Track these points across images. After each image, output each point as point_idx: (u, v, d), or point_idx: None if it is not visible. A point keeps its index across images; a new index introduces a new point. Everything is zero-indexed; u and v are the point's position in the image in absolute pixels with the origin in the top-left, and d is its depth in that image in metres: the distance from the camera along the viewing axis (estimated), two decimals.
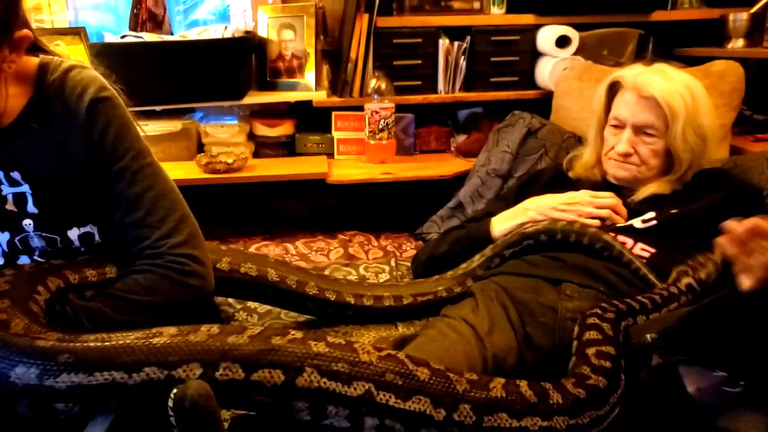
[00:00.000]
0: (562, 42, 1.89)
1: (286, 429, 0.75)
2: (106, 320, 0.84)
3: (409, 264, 1.47)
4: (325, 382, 0.69)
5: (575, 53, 1.90)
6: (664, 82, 1.23)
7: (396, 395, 0.69)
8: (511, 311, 1.05)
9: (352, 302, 1.18)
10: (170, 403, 0.63)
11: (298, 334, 0.74)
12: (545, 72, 1.90)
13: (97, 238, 0.92)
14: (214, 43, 1.81)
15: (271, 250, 1.61)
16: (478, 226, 1.32)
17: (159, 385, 0.67)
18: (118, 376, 0.67)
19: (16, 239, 0.90)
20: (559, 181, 1.37)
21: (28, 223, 0.89)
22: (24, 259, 0.92)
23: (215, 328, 0.74)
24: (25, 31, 0.81)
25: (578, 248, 1.18)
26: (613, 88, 1.30)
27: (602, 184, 1.31)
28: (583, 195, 1.24)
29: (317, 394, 0.69)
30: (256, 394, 0.69)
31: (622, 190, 1.28)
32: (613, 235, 1.18)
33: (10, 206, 0.88)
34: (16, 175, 0.87)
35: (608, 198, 1.23)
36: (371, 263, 1.53)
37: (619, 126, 1.26)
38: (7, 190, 0.88)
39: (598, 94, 1.33)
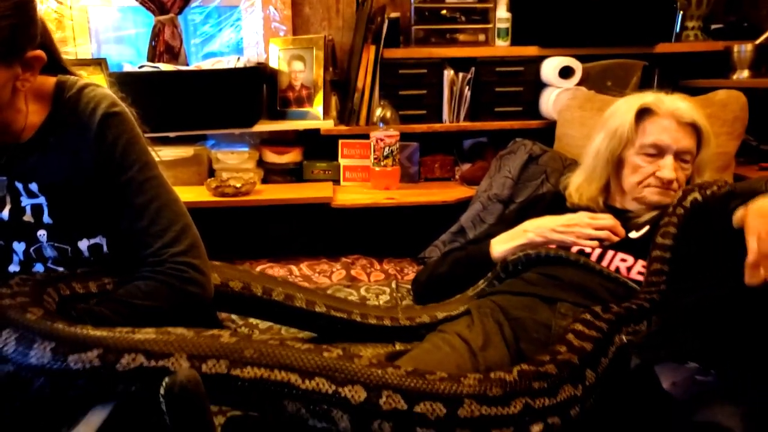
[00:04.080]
0: (566, 73, 1.93)
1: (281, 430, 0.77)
2: (108, 323, 0.86)
3: (409, 286, 1.48)
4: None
5: (579, 84, 1.94)
6: (694, 108, 1.26)
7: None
8: (506, 328, 1.05)
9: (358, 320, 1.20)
10: (161, 390, 0.66)
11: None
12: (549, 102, 1.93)
13: (105, 249, 0.95)
14: (227, 73, 1.89)
15: (276, 271, 1.64)
16: (478, 247, 1.33)
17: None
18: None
19: (31, 249, 0.95)
20: (558, 205, 1.38)
21: (42, 233, 0.94)
22: (38, 267, 0.96)
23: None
24: (38, 52, 0.86)
25: (575, 265, 1.18)
26: (640, 116, 1.27)
27: (605, 211, 1.30)
28: (582, 217, 1.25)
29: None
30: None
31: (625, 213, 1.29)
32: (612, 253, 1.18)
33: (27, 217, 0.93)
34: (33, 186, 0.93)
35: (606, 219, 1.23)
36: (372, 285, 1.54)
37: (656, 154, 1.25)
38: (26, 202, 0.93)
39: (626, 120, 1.27)
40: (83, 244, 0.95)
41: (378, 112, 1.92)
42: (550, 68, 1.93)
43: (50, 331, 0.74)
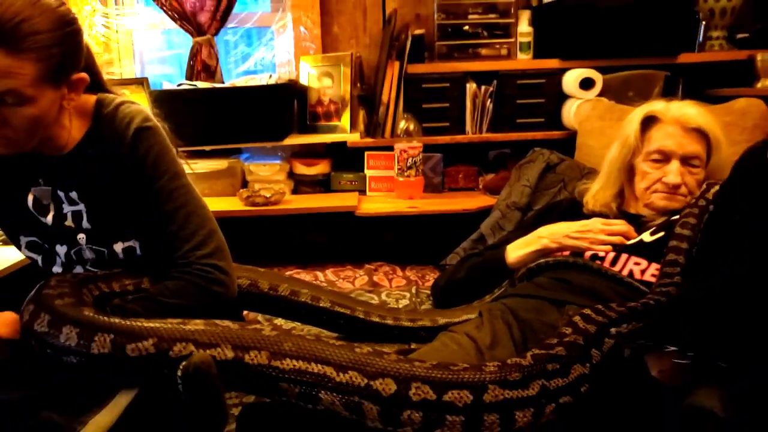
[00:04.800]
0: (586, 84, 1.96)
1: (300, 419, 0.83)
2: (138, 318, 0.96)
3: (429, 292, 1.53)
4: None
5: (600, 95, 1.97)
6: (702, 113, 1.28)
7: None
8: (514, 329, 1.09)
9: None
10: (179, 373, 0.73)
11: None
12: (570, 113, 1.97)
13: (138, 251, 1.04)
14: (259, 90, 2.00)
15: (302, 277, 1.71)
16: (494, 253, 1.37)
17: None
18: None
19: (72, 252, 1.04)
20: (574, 212, 1.41)
21: (81, 237, 1.03)
22: (78, 269, 1.06)
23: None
24: (82, 74, 0.97)
25: (587, 270, 1.21)
26: (647, 123, 1.32)
27: (619, 216, 1.34)
28: (595, 223, 1.28)
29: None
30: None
31: (639, 219, 1.31)
32: (626, 257, 1.20)
33: (68, 222, 1.03)
34: (73, 195, 1.02)
35: (619, 225, 1.26)
36: (393, 290, 1.60)
37: (663, 160, 1.28)
38: (67, 209, 1.03)
39: (632, 128, 1.33)
40: (118, 247, 1.03)
41: (402, 124, 1.99)
42: (571, 80, 1.97)
43: (108, 324, 0.81)
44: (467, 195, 2.04)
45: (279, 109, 2.03)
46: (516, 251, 1.33)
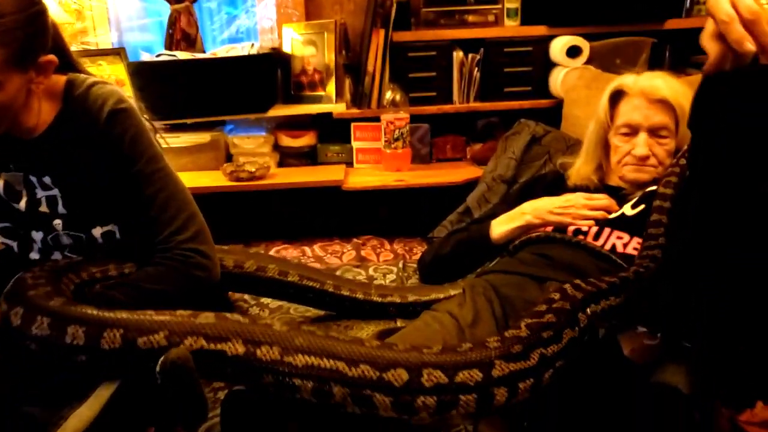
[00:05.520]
0: (573, 52, 1.94)
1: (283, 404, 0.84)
2: (118, 305, 0.93)
3: (416, 266, 1.54)
4: None
5: (587, 63, 1.94)
6: (669, 84, 1.28)
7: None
8: (496, 305, 1.11)
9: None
10: (158, 368, 0.74)
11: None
12: (557, 81, 1.94)
13: (117, 235, 1.03)
14: (241, 60, 1.95)
15: (290, 252, 1.72)
16: (478, 228, 1.38)
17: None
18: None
19: (49, 238, 1.02)
20: (559, 185, 1.42)
21: (58, 223, 1.01)
22: (56, 255, 1.04)
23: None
24: (50, 57, 0.93)
25: (569, 245, 1.22)
26: (615, 97, 1.34)
27: (601, 189, 1.35)
28: (578, 198, 1.29)
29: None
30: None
31: (620, 191, 1.32)
32: (609, 231, 1.22)
33: (43, 208, 1.01)
34: (47, 179, 1.00)
35: (602, 200, 1.27)
36: (381, 265, 1.61)
37: (631, 133, 1.30)
38: (41, 194, 1.00)
39: (601, 104, 1.36)
40: (97, 232, 1.01)
41: (388, 95, 1.96)
42: (557, 47, 1.94)
43: (116, 319, 0.80)
44: (455, 166, 2.03)
45: (262, 80, 1.99)
46: (500, 227, 1.34)
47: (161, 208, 0.99)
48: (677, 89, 1.28)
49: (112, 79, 2.07)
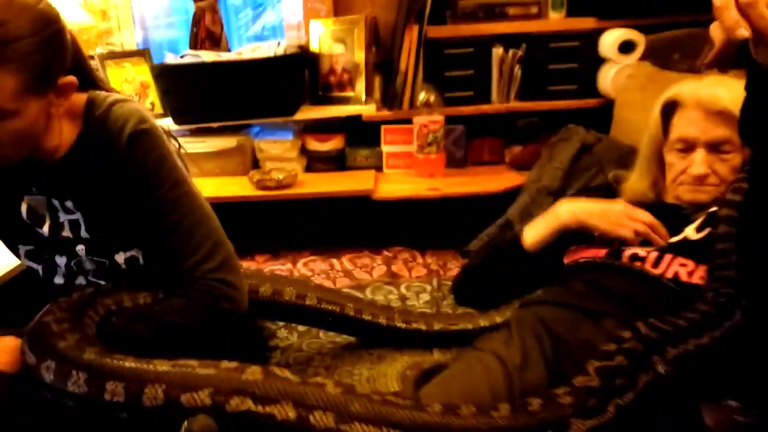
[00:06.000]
0: (626, 47, 1.77)
1: None
2: (142, 339, 0.90)
3: (450, 283, 1.43)
4: None
5: (642, 58, 1.77)
6: (731, 92, 1.12)
7: None
8: (546, 345, 1.00)
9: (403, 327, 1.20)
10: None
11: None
12: (607, 79, 1.78)
13: (141, 261, 0.98)
14: (266, 62, 1.85)
15: (318, 265, 1.63)
16: (511, 234, 1.26)
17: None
18: None
19: (72, 263, 0.98)
20: (611, 200, 1.29)
21: (81, 248, 0.97)
22: (80, 280, 1.00)
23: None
24: (69, 79, 0.87)
25: (625, 272, 1.09)
26: (669, 109, 1.19)
27: (657, 206, 1.21)
28: (618, 205, 1.16)
29: None
30: None
31: (681, 211, 1.18)
32: (670, 257, 1.08)
33: (66, 233, 0.97)
34: (69, 203, 0.95)
35: (643, 214, 1.13)
36: (413, 281, 1.51)
37: (687, 149, 1.15)
38: (63, 218, 0.96)
39: (653, 116, 1.22)
40: (120, 258, 0.97)
41: (421, 96, 1.83)
42: (609, 42, 1.78)
43: (157, 373, 0.76)
44: (492, 170, 1.89)
45: (289, 82, 1.89)
46: (532, 230, 1.20)
47: (187, 236, 0.93)
48: (742, 97, 1.12)
49: (137, 80, 2.02)
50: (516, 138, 2.00)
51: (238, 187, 1.81)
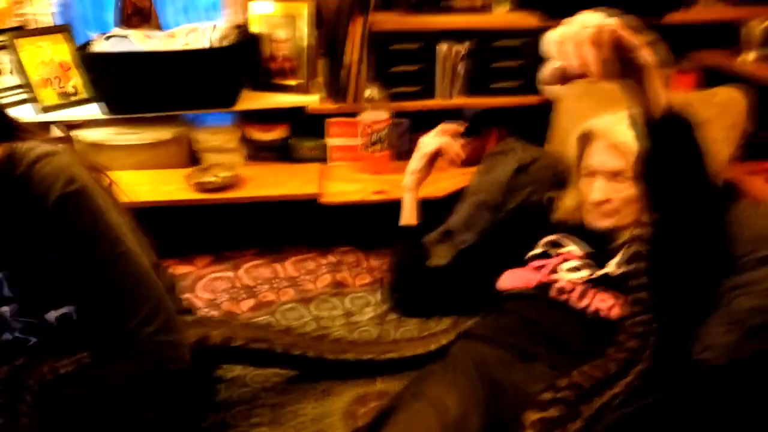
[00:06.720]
0: None
1: None
2: (88, 408, 0.89)
3: None
4: None
5: None
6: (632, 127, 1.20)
7: None
8: (484, 391, 1.06)
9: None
10: None
11: None
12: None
13: (74, 317, 0.93)
14: (205, 53, 1.75)
15: (261, 272, 1.63)
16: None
17: None
18: None
19: None
20: (544, 216, 1.38)
21: (5, 309, 0.91)
22: (7, 336, 0.94)
23: None
24: None
25: (555, 306, 1.19)
26: (584, 140, 1.31)
27: (583, 227, 1.30)
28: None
29: None
30: None
31: (604, 235, 1.28)
32: (594, 291, 1.18)
33: None
34: None
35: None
36: (358, 292, 1.55)
37: (590, 175, 1.27)
38: None
39: (572, 145, 1.33)
40: (51, 316, 0.92)
41: (367, 93, 1.80)
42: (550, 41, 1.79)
43: None
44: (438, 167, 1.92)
45: (228, 73, 1.80)
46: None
47: (126, 297, 0.91)
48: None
49: (55, 62, 1.85)
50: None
51: (175, 186, 1.75)
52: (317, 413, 1.14)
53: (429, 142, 1.37)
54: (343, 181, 1.82)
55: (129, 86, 1.74)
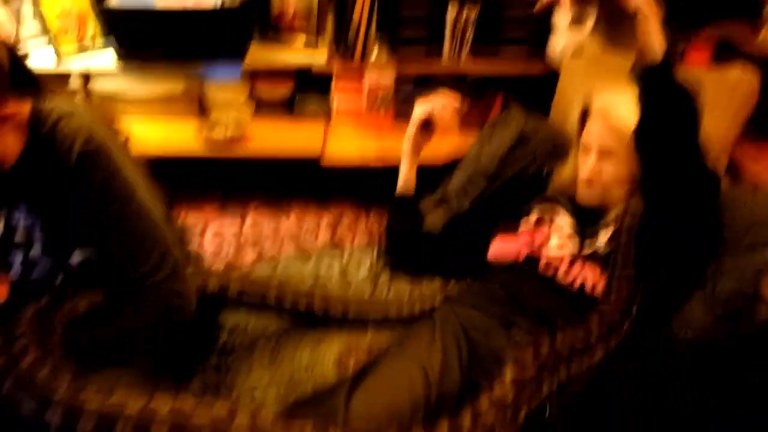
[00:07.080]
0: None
1: None
2: (95, 350, 0.99)
3: None
4: None
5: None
6: (630, 108, 1.21)
7: None
8: (464, 351, 1.12)
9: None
10: None
11: None
12: (556, 50, 1.80)
13: (94, 260, 1.02)
14: (220, 12, 1.77)
15: (265, 227, 1.70)
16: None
17: None
18: None
19: (27, 261, 1.02)
20: (540, 188, 1.41)
21: (35, 248, 1.01)
22: (36, 274, 1.04)
23: None
24: (10, 110, 0.90)
25: (540, 280, 1.23)
26: (585, 115, 1.31)
27: (576, 205, 1.33)
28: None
29: None
30: None
31: (595, 211, 1.30)
32: (581, 263, 1.22)
33: (20, 234, 1.01)
34: (22, 208, 0.99)
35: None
36: (355, 251, 1.61)
37: (586, 151, 1.28)
38: (16, 221, 1.00)
39: (574, 118, 1.34)
40: (74, 258, 1.02)
41: (374, 53, 1.81)
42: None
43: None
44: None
45: (238, 29, 1.83)
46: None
47: (134, 248, 0.99)
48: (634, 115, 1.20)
49: (73, 13, 1.88)
50: (467, 94, 2.02)
51: (185, 137, 1.80)
52: (311, 360, 1.20)
53: (421, 109, 1.38)
54: (346, 140, 1.85)
55: (143, 40, 1.79)
